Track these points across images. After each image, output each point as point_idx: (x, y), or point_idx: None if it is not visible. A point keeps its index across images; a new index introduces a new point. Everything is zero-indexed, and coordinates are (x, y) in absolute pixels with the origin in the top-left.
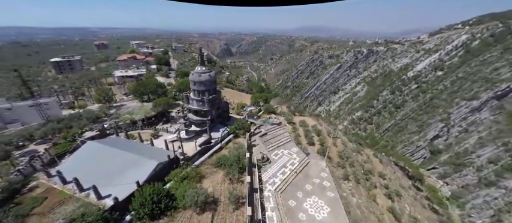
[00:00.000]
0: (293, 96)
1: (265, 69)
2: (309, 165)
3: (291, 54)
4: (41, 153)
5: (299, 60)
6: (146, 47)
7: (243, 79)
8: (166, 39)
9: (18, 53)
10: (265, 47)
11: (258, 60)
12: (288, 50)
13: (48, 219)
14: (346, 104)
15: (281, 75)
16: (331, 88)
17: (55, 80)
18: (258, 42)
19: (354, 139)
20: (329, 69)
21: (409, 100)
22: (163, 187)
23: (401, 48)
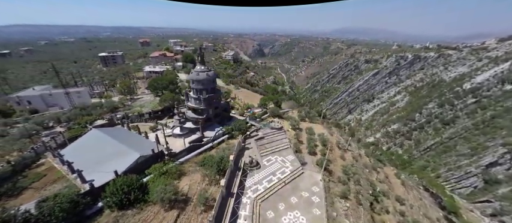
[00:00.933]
0: (321, 101)
1: (295, 71)
2: (302, 176)
3: (324, 57)
4: (56, 135)
5: (332, 63)
6: (180, 46)
7: (269, 80)
8: (203, 38)
9: (82, 47)
10: (298, 49)
11: (289, 61)
12: (321, 52)
13: (40, 194)
14: (381, 114)
15: (311, 79)
16: (364, 95)
17: (100, 72)
18: (291, 43)
19: (375, 154)
20: (364, 75)
21: (463, 116)
22: (136, 180)
23: (457, 55)
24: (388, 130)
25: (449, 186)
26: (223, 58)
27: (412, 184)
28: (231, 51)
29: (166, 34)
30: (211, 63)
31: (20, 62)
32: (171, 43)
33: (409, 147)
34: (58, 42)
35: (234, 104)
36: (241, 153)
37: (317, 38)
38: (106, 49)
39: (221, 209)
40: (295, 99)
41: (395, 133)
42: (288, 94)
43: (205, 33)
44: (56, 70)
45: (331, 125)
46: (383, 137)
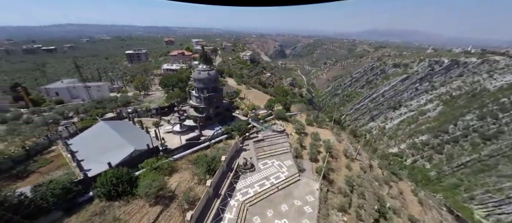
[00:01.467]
0: (341, 106)
1: (316, 73)
2: (298, 183)
3: (348, 59)
4: (69, 125)
5: (356, 67)
6: (200, 45)
7: (286, 82)
8: (226, 38)
9: (116, 45)
10: (321, 51)
11: (311, 63)
12: (346, 55)
13: (43, 178)
14: (408, 124)
15: (332, 82)
16: (390, 102)
17: (125, 68)
18: (314, 45)
19: (390, 167)
20: (391, 80)
21: (509, 132)
22: (125, 172)
23: (506, 61)
24: (415, 141)
25: (485, 210)
26: (240, 58)
27: (433, 204)
28: (248, 52)
29: (192, 34)
30: (228, 62)
31: (62, 57)
32: (193, 42)
33: (439, 162)
34: (97, 40)
35: (239, 104)
36: (238, 154)
37: (342, 40)
38: (135, 47)
39: (205, 210)
40: (310, 102)
41: (423, 145)
42: (304, 96)
43: (229, 33)
44: (77, 66)
45: (342, 131)
46: (409, 149)
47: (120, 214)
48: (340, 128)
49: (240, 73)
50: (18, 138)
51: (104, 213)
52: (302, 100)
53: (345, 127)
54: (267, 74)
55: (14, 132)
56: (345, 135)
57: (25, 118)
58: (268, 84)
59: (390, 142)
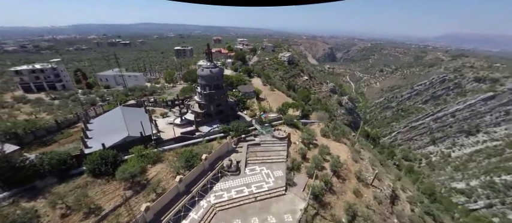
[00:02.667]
0: (393, 121)
1: (368, 81)
2: (280, 199)
3: (412, 68)
4: (97, 107)
5: (422, 77)
6: (242, 44)
7: (327, 87)
8: (274, 39)
9: (176, 42)
10: (379, 56)
11: (364, 69)
12: (410, 62)
13: (59, 148)
14: (488, 156)
15: (387, 92)
16: (463, 125)
17: (172, 62)
18: (371, 49)
19: (424, 205)
20: (469, 98)
21: None
22: (112, 155)
23: None
24: (494, 180)
25: None
26: (278, 59)
27: None
28: (287, 53)
29: (243, 33)
30: (263, 62)
31: (132, 49)
32: (238, 42)
33: None
34: (163, 37)
35: (250, 105)
36: (228, 154)
37: (409, 45)
38: (190, 44)
39: (170, 204)
40: (350, 112)
41: (507, 188)
42: (343, 105)
43: (279, 34)
44: (116, 57)
45: (365, 149)
46: (483, 188)
47: (97, 191)
48: (369, 145)
49: (267, 73)
50: (59, 112)
51: (86, 187)
52: (326, 107)
53: (386, 147)
54: (303, 77)
55: (61, 107)
56: (370, 154)
57: (73, 97)
58: (304, 88)
59: (455, 174)
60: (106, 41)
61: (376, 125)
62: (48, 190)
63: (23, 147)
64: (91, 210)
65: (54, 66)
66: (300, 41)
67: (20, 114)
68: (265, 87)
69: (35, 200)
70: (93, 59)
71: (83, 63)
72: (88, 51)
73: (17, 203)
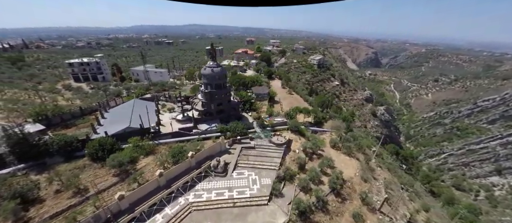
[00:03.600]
0: (445, 141)
1: (417, 91)
2: (262, 208)
3: (478, 79)
4: (118, 98)
5: (491, 92)
6: (272, 46)
7: (361, 95)
8: (311, 41)
9: (213, 42)
10: (435, 64)
11: (413, 78)
12: (477, 73)
13: (76, 131)
14: None
15: (440, 106)
16: None
17: (202, 60)
18: (425, 55)
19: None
20: None
21: None
22: (109, 142)
23: None
24: None
25: None
26: (307, 61)
27: None
28: (318, 56)
29: (280, 35)
30: (289, 65)
31: (173, 49)
32: (271, 43)
33: None
34: (204, 38)
35: (258, 107)
36: (220, 154)
37: (480, 52)
38: (222, 44)
39: (148, 196)
40: (386, 124)
41: None
42: (377, 116)
43: (317, 36)
44: (142, 55)
45: (381, 169)
46: None
47: (90, 173)
48: (394, 165)
49: (287, 76)
50: (89, 100)
51: (83, 168)
52: (345, 116)
53: (432, 170)
54: (334, 83)
55: (92, 96)
56: (388, 175)
57: (104, 87)
58: (333, 94)
59: None
60: (154, 40)
61: (421, 143)
62: (53, 167)
63: (50, 128)
64: (79, 191)
65: (97, 60)
66: (339, 44)
67: (61, 100)
68: (283, 89)
69: (41, 174)
70: (136, 55)
71: (127, 59)
72: (137, 48)
73: (27, 175)
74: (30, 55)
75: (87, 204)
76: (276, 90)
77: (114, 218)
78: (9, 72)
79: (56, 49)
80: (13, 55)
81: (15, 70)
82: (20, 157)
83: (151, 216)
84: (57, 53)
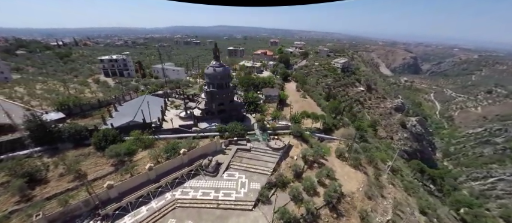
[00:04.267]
0: (494, 163)
1: (464, 103)
2: (244, 214)
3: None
4: (132, 93)
5: None
6: (294, 48)
7: (391, 103)
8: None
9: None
10: (489, 72)
11: (459, 88)
12: None
13: (90, 121)
14: None
15: (492, 122)
16: None
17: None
18: (477, 62)
19: None
20: None
21: None
22: (112, 134)
23: None
24: None
25: None
26: (330, 65)
27: None
28: (342, 59)
29: (308, 37)
30: (310, 67)
31: (199, 48)
32: (295, 44)
33: None
34: (232, 38)
35: (265, 109)
36: (214, 154)
37: None
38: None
39: (137, 188)
40: (418, 138)
41: None
42: (407, 128)
43: (350, 38)
44: (160, 53)
45: (397, 187)
46: None
47: (92, 161)
48: (414, 184)
49: (302, 78)
50: (110, 93)
51: (87, 155)
52: (360, 125)
53: (475, 196)
54: (358, 88)
55: (113, 90)
56: (402, 194)
57: (125, 82)
58: (356, 101)
59: None
60: (184, 40)
61: (462, 162)
62: (63, 152)
63: (70, 117)
64: (79, 176)
65: (124, 58)
66: (373, 47)
67: (88, 92)
68: (297, 92)
69: (52, 157)
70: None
71: (154, 57)
72: (167, 47)
73: (41, 157)
74: (76, 52)
75: (82, 189)
76: (289, 93)
77: (102, 205)
78: (56, 65)
79: (99, 47)
80: (63, 51)
81: (61, 64)
82: (37, 141)
83: (137, 208)
84: (99, 50)
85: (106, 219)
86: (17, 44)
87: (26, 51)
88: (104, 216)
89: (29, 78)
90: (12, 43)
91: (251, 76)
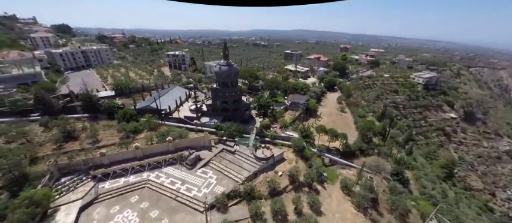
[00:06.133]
0: None
1: None
2: (192, 213)
3: None
4: (169, 82)
5: None
6: (364, 55)
7: (501, 143)
8: (446, 55)
9: (307, 47)
10: None
11: None
12: None
13: (128, 101)
14: None
15: None
16: None
17: (274, 63)
18: None
19: None
20: None
21: None
22: (130, 113)
23: None
24: None
25: None
26: (408, 79)
27: None
28: (428, 73)
29: (401, 44)
30: (375, 78)
31: (265, 50)
32: (369, 52)
33: None
34: (304, 42)
35: (279, 114)
36: (203, 148)
37: None
38: (318, 49)
39: (124, 161)
40: None
41: None
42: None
43: (466, 49)
44: (202, 52)
45: None
46: None
47: (111, 131)
48: None
49: (348, 89)
50: (158, 81)
51: (110, 126)
52: (402, 159)
53: None
54: (447, 114)
55: (161, 79)
56: None
57: (175, 74)
58: (437, 130)
59: None
60: (253, 42)
61: None
62: (98, 121)
63: (119, 96)
64: (96, 140)
65: (183, 54)
66: (505, 63)
67: (145, 80)
68: (338, 105)
69: (90, 122)
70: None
71: (213, 55)
72: (236, 48)
73: (84, 121)
74: (165, 47)
75: (91, 151)
76: (326, 103)
77: (95, 168)
78: (146, 57)
79: (183, 45)
80: (155, 46)
81: (149, 56)
82: (85, 109)
83: (117, 178)
84: (182, 47)
85: (93, 179)
86: (131, 40)
87: (135, 46)
88: (92, 177)
89: (122, 64)
90: (128, 39)
91: (277, 79)
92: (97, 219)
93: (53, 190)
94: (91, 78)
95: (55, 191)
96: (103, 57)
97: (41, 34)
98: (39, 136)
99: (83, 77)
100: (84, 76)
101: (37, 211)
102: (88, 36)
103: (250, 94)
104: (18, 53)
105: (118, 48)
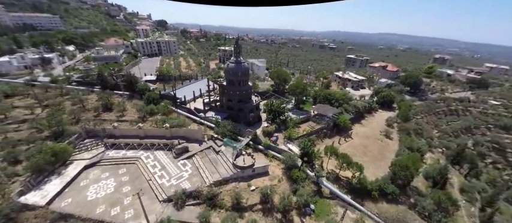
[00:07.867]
0: None
1: None
2: (154, 201)
3: None
4: (200, 76)
5: None
6: (468, 70)
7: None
8: None
9: (384, 54)
10: None
11: None
12: None
13: (163, 86)
14: None
15: None
16: None
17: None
18: None
19: None
20: None
21: None
22: (153, 97)
23: None
24: None
25: None
26: None
27: None
28: None
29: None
30: (467, 103)
31: (332, 53)
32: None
33: None
34: (387, 47)
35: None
36: (197, 141)
37: None
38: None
39: (130, 137)
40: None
41: None
42: None
43: None
44: (239, 49)
45: None
46: None
47: (134, 108)
48: None
49: (407, 111)
50: (199, 71)
51: (137, 104)
52: None
53: None
54: None
55: (202, 69)
56: None
57: (217, 68)
58: None
59: None
60: (320, 44)
61: None
62: (133, 99)
63: (159, 81)
64: (122, 114)
65: (231, 49)
66: None
67: (190, 70)
68: (386, 128)
69: (129, 99)
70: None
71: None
72: (298, 49)
73: (124, 98)
74: (229, 43)
75: (112, 122)
76: (370, 122)
77: (107, 137)
78: (207, 49)
79: (247, 41)
80: (221, 42)
81: (211, 49)
82: (126, 89)
83: (119, 149)
84: (245, 44)
85: (105, 146)
86: (203, 34)
87: (204, 40)
88: (105, 144)
89: (183, 54)
90: (201, 34)
91: (304, 84)
92: (90, 178)
93: (76, 148)
94: (155, 63)
95: (76, 148)
96: (171, 47)
97: (142, 27)
98: (91, 104)
99: (150, 62)
100: (152, 61)
101: (52, 160)
102: (175, 30)
103: (276, 97)
104: (114, 40)
105: (190, 41)
